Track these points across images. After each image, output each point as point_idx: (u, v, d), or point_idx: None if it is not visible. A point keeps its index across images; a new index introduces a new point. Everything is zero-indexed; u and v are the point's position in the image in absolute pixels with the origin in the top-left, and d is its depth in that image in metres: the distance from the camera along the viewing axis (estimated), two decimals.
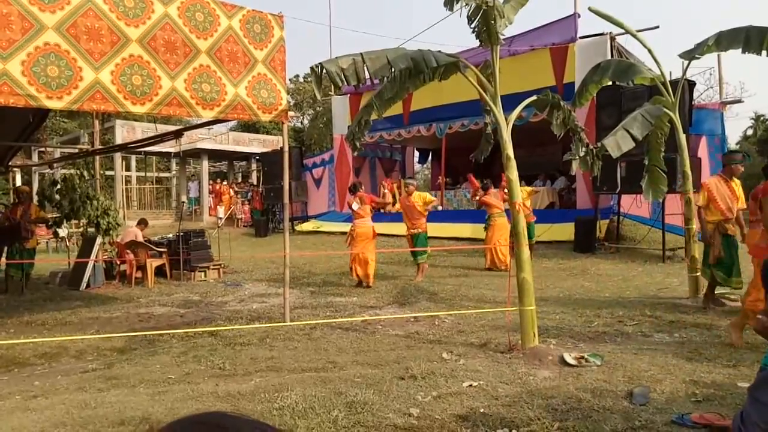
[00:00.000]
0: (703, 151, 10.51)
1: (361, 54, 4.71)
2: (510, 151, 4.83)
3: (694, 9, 68.07)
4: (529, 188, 10.79)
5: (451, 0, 4.63)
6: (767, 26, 5.55)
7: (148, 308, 7.72)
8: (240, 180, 29.27)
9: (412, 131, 16.58)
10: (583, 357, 4.34)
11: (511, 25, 4.85)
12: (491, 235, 9.84)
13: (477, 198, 10.48)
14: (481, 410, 3.42)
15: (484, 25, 4.65)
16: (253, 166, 28.37)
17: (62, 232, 11.69)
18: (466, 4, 4.57)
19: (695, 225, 6.73)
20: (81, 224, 11.65)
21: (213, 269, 10.53)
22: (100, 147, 11.85)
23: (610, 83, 7.48)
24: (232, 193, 23.60)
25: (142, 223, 10.81)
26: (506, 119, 4.86)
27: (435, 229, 14.31)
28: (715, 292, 6.30)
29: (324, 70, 4.59)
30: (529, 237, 9.64)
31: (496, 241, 9.71)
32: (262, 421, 0.71)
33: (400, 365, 4.37)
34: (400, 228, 14.39)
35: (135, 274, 9.94)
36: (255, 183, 24.71)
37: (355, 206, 8.61)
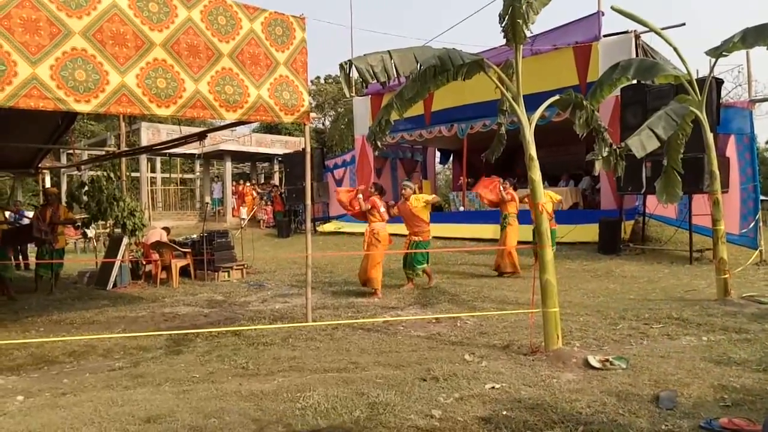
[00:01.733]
0: (731, 151, 10.27)
1: (389, 52, 4.72)
2: (533, 151, 4.79)
3: (721, 5, 66.67)
4: (556, 197, 10.14)
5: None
6: None
7: (172, 308, 7.83)
8: (262, 181, 29.54)
9: (434, 132, 16.53)
10: (607, 360, 4.28)
11: (533, 24, 4.81)
12: (509, 235, 9.32)
13: (501, 191, 9.58)
14: (504, 413, 3.40)
15: (511, 23, 4.62)
16: (276, 167, 28.62)
17: (90, 232, 11.94)
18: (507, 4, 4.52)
19: (723, 225, 6.59)
20: (108, 225, 11.90)
21: (236, 269, 10.64)
22: (126, 149, 12.08)
23: (629, 82, 7.36)
24: (254, 194, 23.82)
25: (165, 230, 11.01)
26: (529, 119, 4.82)
27: (456, 229, 14.30)
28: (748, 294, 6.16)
29: (353, 68, 4.60)
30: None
31: (515, 244, 9.27)
32: None
33: (422, 366, 4.37)
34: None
35: (160, 274, 10.09)
36: (277, 184, 24.91)
37: (382, 209, 8.18)
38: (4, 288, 8.94)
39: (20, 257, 13.00)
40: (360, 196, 8.29)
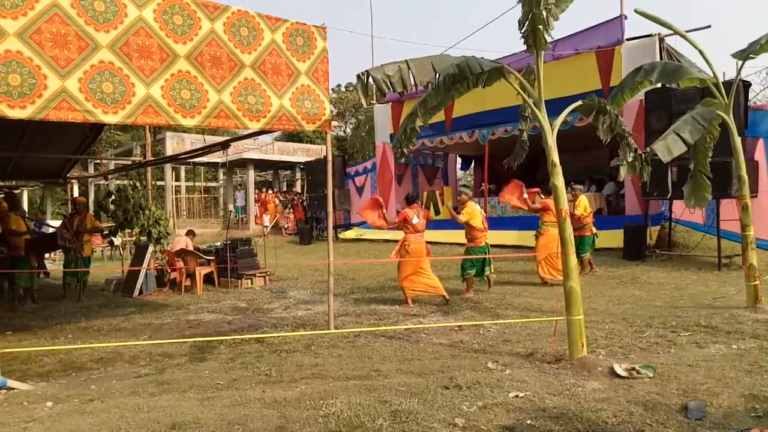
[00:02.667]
0: (760, 154, 10.05)
1: (407, 61, 4.75)
2: (555, 157, 4.74)
3: (747, 7, 65.46)
4: (584, 207, 9.66)
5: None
6: None
7: (197, 315, 7.92)
8: (285, 189, 29.78)
9: (455, 138, 16.50)
10: (634, 368, 4.21)
11: (553, 30, 4.78)
12: (543, 244, 8.98)
13: (535, 204, 9.42)
14: (528, 422, 3.36)
15: (531, 29, 4.60)
16: (298, 175, 28.84)
17: (116, 241, 12.16)
18: (526, 10, 4.49)
19: (752, 231, 6.44)
20: (134, 233, 12.10)
21: (259, 277, 10.74)
22: (152, 158, 12.28)
23: (653, 86, 7.26)
24: (277, 201, 24.02)
25: (190, 233, 11.14)
26: (551, 125, 4.78)
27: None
28: None
29: (370, 78, 4.63)
30: (584, 250, 9.35)
31: (549, 252, 8.86)
32: None
33: (445, 374, 4.34)
34: (448, 236, 14.35)
35: (184, 281, 10.23)
36: (299, 191, 25.08)
37: (415, 219, 7.77)
38: (20, 296, 9.04)
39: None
40: (384, 211, 8.08)
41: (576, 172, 15.63)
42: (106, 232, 10.91)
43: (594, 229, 9.65)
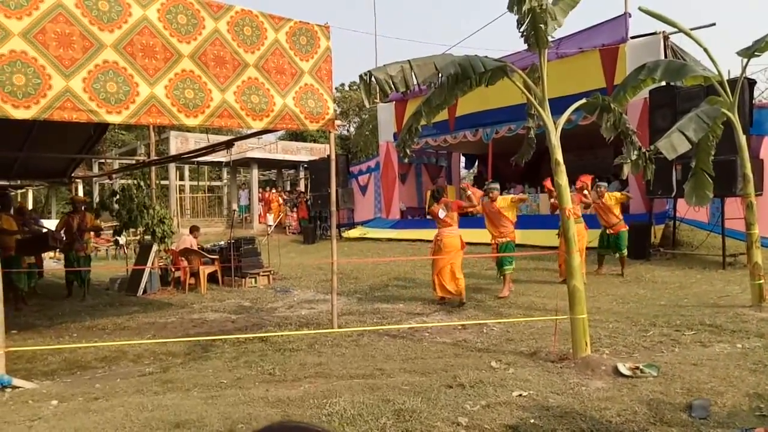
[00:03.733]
0: (765, 152, 10.00)
1: (409, 61, 4.74)
2: (559, 155, 4.74)
3: (753, 5, 65.17)
4: (619, 194, 9.71)
5: (517, 2, 4.54)
6: None
7: (201, 314, 7.94)
8: (288, 188, 29.81)
9: (458, 137, 16.47)
10: (638, 367, 4.20)
11: (560, 27, 4.77)
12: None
13: (553, 200, 9.13)
14: (532, 421, 3.35)
15: (533, 28, 4.59)
16: (301, 174, 28.85)
17: (121, 240, 12.20)
18: (524, 9, 4.48)
19: (757, 229, 6.42)
20: (138, 232, 12.14)
21: (263, 276, 10.75)
22: (156, 158, 12.32)
23: (658, 84, 7.22)
24: (280, 200, 24.04)
25: (195, 229, 11.14)
26: (555, 123, 4.77)
27: (483, 234, 14.16)
28: None
29: (372, 78, 4.64)
30: (620, 248, 9.17)
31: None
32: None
33: (448, 373, 4.34)
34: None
35: (188, 280, 10.25)
36: (303, 191, 25.10)
37: (441, 214, 7.59)
38: (21, 296, 9.03)
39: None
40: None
41: (580, 171, 15.61)
42: (103, 231, 10.91)
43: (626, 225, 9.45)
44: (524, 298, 7.77)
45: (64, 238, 9.71)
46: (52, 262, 14.67)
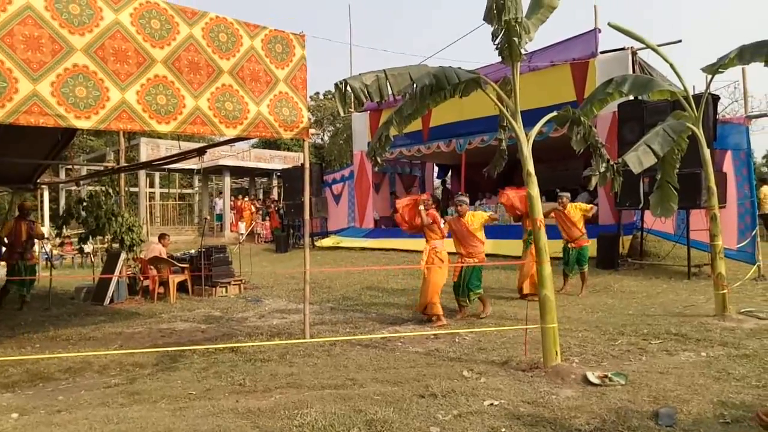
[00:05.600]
0: (728, 166, 10.32)
1: (384, 71, 4.77)
2: (530, 167, 4.81)
3: (717, 23, 67.43)
4: (585, 206, 9.02)
5: (494, 16, 4.59)
6: None
7: (170, 324, 7.79)
8: (261, 196, 29.57)
9: (432, 147, 16.59)
10: (606, 376, 4.27)
11: (532, 41, 4.86)
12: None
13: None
14: (503, 430, 3.38)
15: (507, 41, 4.66)
16: (275, 182, 28.66)
17: (87, 248, 11.93)
18: (503, 20, 4.53)
19: (720, 240, 6.60)
20: (106, 240, 11.87)
21: (234, 285, 10.61)
22: (125, 164, 12.08)
23: (625, 98, 7.41)
24: (253, 209, 23.82)
25: (164, 237, 10.95)
26: (527, 135, 4.85)
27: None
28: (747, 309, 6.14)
29: (348, 87, 4.65)
30: (581, 264, 8.69)
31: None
32: None
33: (420, 383, 4.34)
34: (411, 244, 14.36)
35: (157, 289, 10.06)
36: (276, 199, 24.92)
37: (442, 223, 7.23)
38: None
39: None
40: (422, 207, 7.25)
41: (551, 182, 15.86)
42: (70, 239, 10.67)
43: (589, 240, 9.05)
44: (495, 308, 7.83)
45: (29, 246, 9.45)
46: None
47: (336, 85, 4.73)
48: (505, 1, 4.45)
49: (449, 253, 7.37)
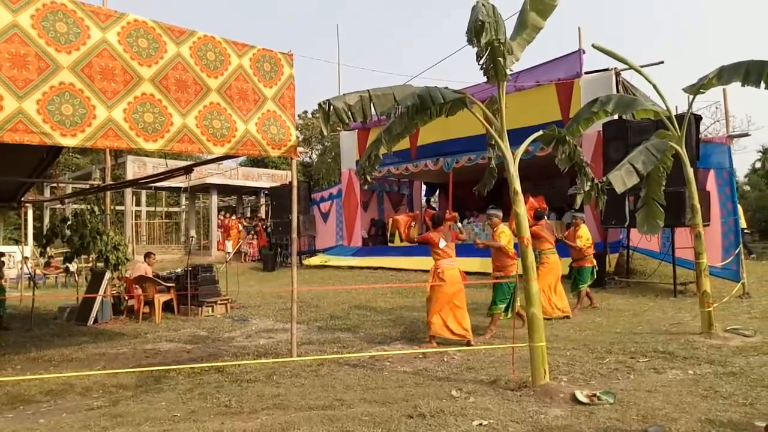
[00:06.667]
0: (711, 185, 10.46)
1: (368, 91, 4.81)
2: (517, 185, 4.85)
3: (698, 45, 68.93)
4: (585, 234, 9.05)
5: (475, 36, 4.64)
6: (767, 60, 5.61)
7: (154, 344, 7.68)
8: (249, 214, 29.44)
9: (420, 165, 16.68)
10: (595, 395, 4.26)
11: (517, 61, 4.93)
12: (542, 275, 7.90)
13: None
14: None
15: (492, 62, 4.72)
16: (262, 200, 28.58)
17: (72, 267, 11.77)
18: (483, 42, 4.58)
19: (705, 258, 6.66)
20: (91, 259, 11.73)
21: (220, 304, 10.51)
22: (111, 183, 12.00)
23: (610, 117, 7.51)
24: (240, 227, 23.69)
25: (149, 256, 10.84)
26: (513, 154, 4.89)
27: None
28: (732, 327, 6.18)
29: (331, 107, 4.67)
30: (578, 283, 8.93)
31: (548, 284, 8.20)
32: None
33: (409, 403, 4.31)
34: (399, 262, 14.33)
35: (143, 309, 9.93)
36: (264, 217, 24.83)
37: (442, 243, 6.81)
38: None
39: None
40: (413, 223, 7.22)
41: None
42: (54, 258, 10.68)
43: (594, 261, 9.12)
44: (484, 326, 7.81)
45: None
46: None
47: (319, 104, 4.76)
48: (483, 22, 4.51)
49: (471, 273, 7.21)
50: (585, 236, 9.07)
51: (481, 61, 4.74)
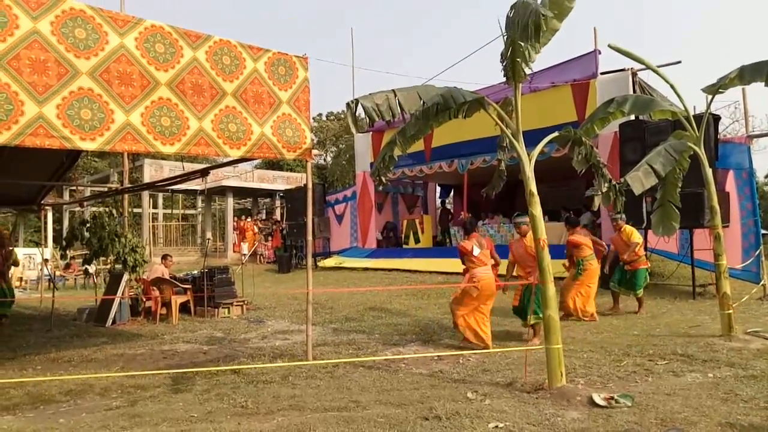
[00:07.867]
0: (730, 186, 10.33)
1: (393, 90, 4.84)
2: (533, 187, 4.82)
3: (717, 45, 68.03)
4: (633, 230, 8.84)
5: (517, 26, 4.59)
6: None
7: (172, 345, 7.75)
8: (264, 216, 29.62)
9: (434, 167, 16.68)
10: (612, 397, 4.22)
11: (533, 63, 4.91)
12: (583, 280, 8.15)
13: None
14: None
15: (510, 61, 4.71)
16: (277, 202, 28.77)
17: (91, 269, 11.94)
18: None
19: (725, 260, 6.57)
20: (109, 261, 11.89)
21: (236, 306, 10.57)
22: (129, 185, 12.14)
23: (626, 118, 7.44)
24: (255, 229, 23.85)
25: (166, 258, 10.95)
26: (529, 155, 4.87)
27: (454, 264, 14.21)
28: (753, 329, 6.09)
29: (359, 106, 4.71)
30: (633, 288, 8.60)
31: (587, 287, 8.20)
32: None
33: (424, 405, 4.30)
34: (413, 264, 14.30)
35: (160, 310, 10.02)
36: (279, 219, 24.98)
37: (476, 251, 6.61)
38: None
39: None
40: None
41: (553, 202, 15.88)
42: (75, 260, 10.98)
43: (648, 263, 8.96)
44: (500, 328, 7.78)
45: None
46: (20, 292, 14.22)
47: (348, 104, 4.80)
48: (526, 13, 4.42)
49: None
50: (636, 236, 8.69)
51: (505, 63, 4.72)
